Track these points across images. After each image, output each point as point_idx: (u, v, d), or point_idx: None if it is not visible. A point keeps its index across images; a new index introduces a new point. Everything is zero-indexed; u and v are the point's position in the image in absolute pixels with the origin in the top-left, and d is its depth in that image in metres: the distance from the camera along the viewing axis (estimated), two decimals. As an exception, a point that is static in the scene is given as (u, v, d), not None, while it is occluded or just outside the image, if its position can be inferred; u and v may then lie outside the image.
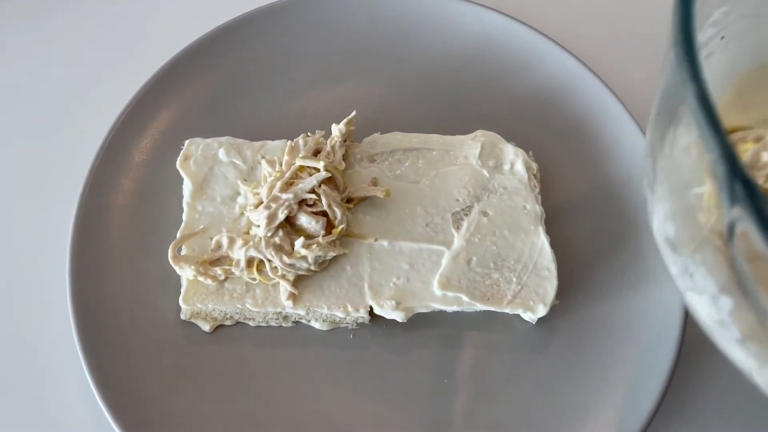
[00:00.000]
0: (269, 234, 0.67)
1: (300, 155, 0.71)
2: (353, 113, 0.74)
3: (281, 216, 0.67)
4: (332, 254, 0.68)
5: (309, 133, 0.74)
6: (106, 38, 0.89)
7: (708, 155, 0.32)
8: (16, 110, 0.84)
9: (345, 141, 0.74)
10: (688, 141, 0.37)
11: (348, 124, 0.74)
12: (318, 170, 0.69)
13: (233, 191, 0.72)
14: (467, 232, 0.70)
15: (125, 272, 0.71)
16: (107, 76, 0.86)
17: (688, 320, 0.67)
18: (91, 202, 0.72)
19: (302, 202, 0.69)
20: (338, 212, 0.69)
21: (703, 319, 0.43)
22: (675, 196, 0.43)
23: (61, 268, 0.71)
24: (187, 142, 0.75)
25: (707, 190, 0.37)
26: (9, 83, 0.86)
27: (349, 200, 0.72)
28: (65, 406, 0.69)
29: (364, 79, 0.82)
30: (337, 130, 0.73)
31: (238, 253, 0.68)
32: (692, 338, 0.68)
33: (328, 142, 0.73)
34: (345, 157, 0.74)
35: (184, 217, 0.71)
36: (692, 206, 0.40)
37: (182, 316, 0.69)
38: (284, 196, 0.68)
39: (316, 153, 0.72)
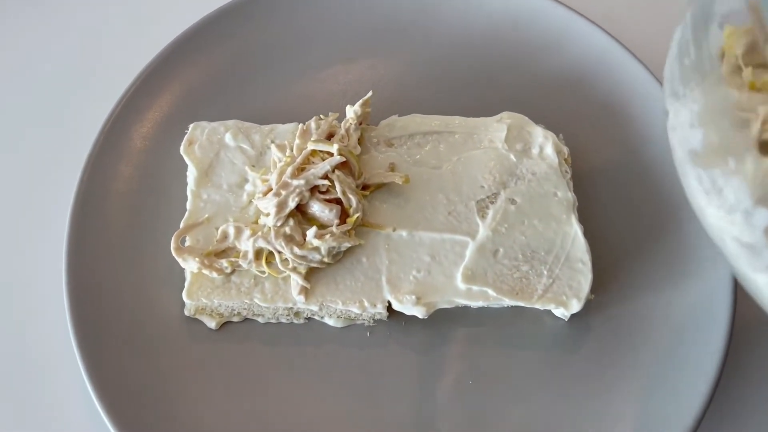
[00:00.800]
0: (279, 223, 0.63)
1: (312, 139, 0.66)
2: (369, 93, 0.70)
3: (292, 204, 0.63)
4: (347, 245, 0.63)
5: (322, 116, 0.69)
6: (109, 17, 0.85)
7: None
8: (13, 95, 0.80)
9: (360, 124, 0.69)
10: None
11: (364, 105, 0.69)
12: (331, 155, 0.65)
13: (241, 178, 0.68)
14: (493, 221, 0.65)
15: (125, 265, 0.67)
16: (109, 58, 0.82)
17: (737, 316, 0.62)
18: (89, 190, 0.68)
19: (314, 189, 0.64)
20: (353, 200, 0.64)
21: (730, 248, 0.40)
22: (709, 90, 0.40)
23: (57, 261, 0.66)
24: (191, 125, 0.70)
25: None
26: (6, 66, 0.82)
27: (364, 187, 0.67)
28: (61, 408, 0.65)
29: (382, 59, 0.77)
30: (352, 111, 0.69)
31: (246, 245, 0.63)
32: (741, 335, 0.63)
33: (342, 125, 0.68)
34: (360, 141, 0.69)
35: (188, 205, 0.67)
36: (729, 98, 0.38)
37: (186, 312, 0.65)
38: (295, 182, 0.63)
39: (330, 137, 0.68)
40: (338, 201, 0.64)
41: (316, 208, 0.64)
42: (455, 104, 0.73)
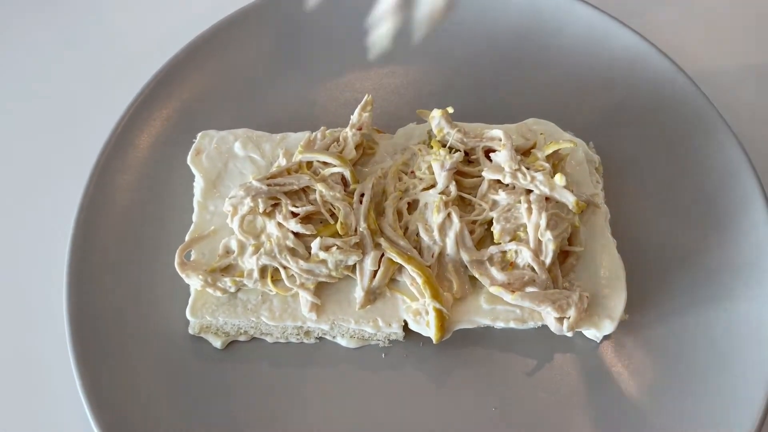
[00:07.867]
0: (268, 208, 0.60)
1: (314, 148, 0.63)
2: (367, 96, 0.65)
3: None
4: (355, 258, 0.59)
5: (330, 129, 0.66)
6: (117, 23, 0.83)
7: None
8: (18, 103, 0.78)
9: (360, 129, 0.65)
10: None
11: (362, 109, 0.65)
12: (329, 165, 0.62)
13: (250, 189, 0.65)
14: (518, 234, 0.61)
15: (128, 280, 0.64)
16: (116, 64, 0.79)
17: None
18: (93, 201, 0.66)
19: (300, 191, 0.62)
20: (341, 206, 0.60)
21: None
22: None
23: (58, 276, 0.63)
24: (199, 134, 0.67)
25: None
26: (12, 75, 0.80)
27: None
28: (56, 428, 0.61)
29: (401, 65, 0.74)
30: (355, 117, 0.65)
31: (250, 263, 0.59)
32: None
33: (342, 133, 0.65)
34: (369, 147, 0.65)
35: (195, 218, 0.64)
36: None
37: (190, 331, 0.62)
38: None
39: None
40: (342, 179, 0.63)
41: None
42: (477, 110, 0.69)
